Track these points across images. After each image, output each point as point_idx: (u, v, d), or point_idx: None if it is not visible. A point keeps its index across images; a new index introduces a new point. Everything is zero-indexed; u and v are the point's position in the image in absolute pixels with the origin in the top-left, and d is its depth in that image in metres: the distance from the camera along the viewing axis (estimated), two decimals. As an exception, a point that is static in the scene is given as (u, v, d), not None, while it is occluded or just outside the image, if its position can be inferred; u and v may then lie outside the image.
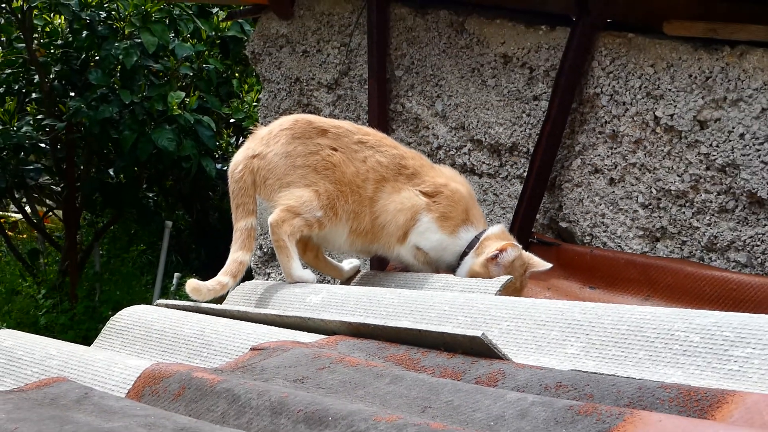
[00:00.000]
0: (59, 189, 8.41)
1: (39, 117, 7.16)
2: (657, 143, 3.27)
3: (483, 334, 1.56)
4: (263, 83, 4.70)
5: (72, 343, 1.88)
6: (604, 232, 3.46)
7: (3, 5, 6.99)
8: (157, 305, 2.42)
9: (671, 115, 3.20)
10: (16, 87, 7.54)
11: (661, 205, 3.29)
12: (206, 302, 2.53)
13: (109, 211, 8.75)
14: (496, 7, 3.80)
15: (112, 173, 7.93)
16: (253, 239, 2.76)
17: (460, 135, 3.87)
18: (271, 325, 2.05)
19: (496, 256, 2.72)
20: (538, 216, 3.61)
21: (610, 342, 1.67)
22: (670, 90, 3.20)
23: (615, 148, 3.39)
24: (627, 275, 3.23)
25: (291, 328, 1.99)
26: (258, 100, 6.81)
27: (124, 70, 6.72)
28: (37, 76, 7.12)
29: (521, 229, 3.51)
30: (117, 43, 6.63)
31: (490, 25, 3.71)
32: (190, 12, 7.05)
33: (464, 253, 2.82)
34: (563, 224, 3.59)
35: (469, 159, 3.85)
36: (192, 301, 2.51)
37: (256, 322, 2.08)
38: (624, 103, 3.34)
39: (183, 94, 6.78)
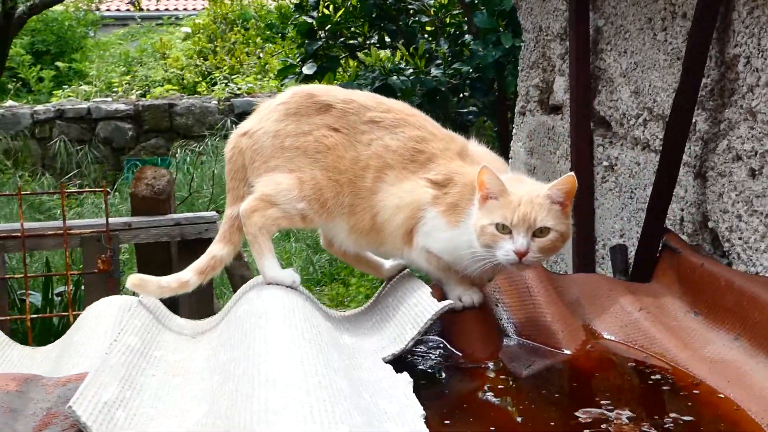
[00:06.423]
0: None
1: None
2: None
3: None
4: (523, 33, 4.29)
5: None
6: (739, 239, 2.59)
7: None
8: None
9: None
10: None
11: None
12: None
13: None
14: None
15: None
16: (240, 231, 2.41)
17: (637, 102, 3.15)
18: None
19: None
20: (682, 210, 2.82)
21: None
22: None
23: (752, 129, 2.49)
24: (724, 302, 2.38)
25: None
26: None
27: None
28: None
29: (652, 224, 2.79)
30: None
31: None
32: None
33: None
34: (711, 224, 2.75)
35: (643, 133, 3.12)
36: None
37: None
38: (757, 70, 2.43)
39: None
